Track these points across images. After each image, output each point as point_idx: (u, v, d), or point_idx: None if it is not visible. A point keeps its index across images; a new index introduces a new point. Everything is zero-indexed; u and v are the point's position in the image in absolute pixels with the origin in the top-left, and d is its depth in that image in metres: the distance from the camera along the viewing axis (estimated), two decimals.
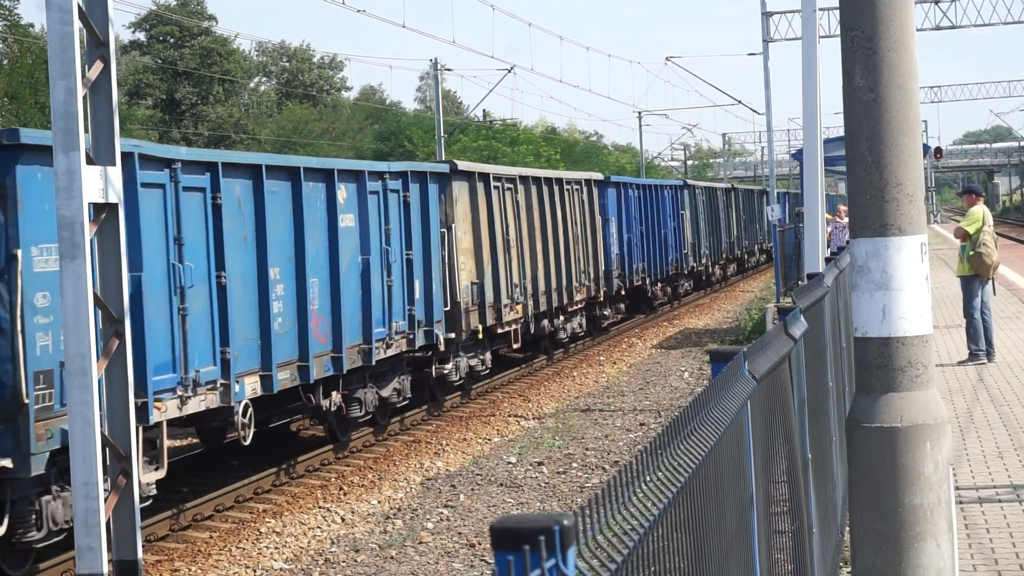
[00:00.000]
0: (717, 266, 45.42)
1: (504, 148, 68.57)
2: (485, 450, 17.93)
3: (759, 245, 55.76)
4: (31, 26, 47.72)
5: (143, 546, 10.66)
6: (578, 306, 27.78)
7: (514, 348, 24.13)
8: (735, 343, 25.97)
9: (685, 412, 3.39)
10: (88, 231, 8.37)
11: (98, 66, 8.64)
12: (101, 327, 9.09)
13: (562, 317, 26.80)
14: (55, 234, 11.29)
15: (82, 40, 8.36)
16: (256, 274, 14.66)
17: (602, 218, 29.89)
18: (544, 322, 25.53)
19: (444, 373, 20.30)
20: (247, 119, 79.13)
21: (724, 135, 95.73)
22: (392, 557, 12.45)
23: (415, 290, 18.94)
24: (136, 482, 8.86)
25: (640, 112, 72.39)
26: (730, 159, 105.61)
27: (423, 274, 19.30)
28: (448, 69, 48.26)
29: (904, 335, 6.50)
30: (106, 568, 8.33)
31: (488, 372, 22.93)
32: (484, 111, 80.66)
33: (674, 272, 37.34)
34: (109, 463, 8.83)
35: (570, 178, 27.95)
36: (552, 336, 26.64)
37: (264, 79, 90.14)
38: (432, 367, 20.06)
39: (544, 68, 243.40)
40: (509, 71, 44.53)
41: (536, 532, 2.08)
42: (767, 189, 41.75)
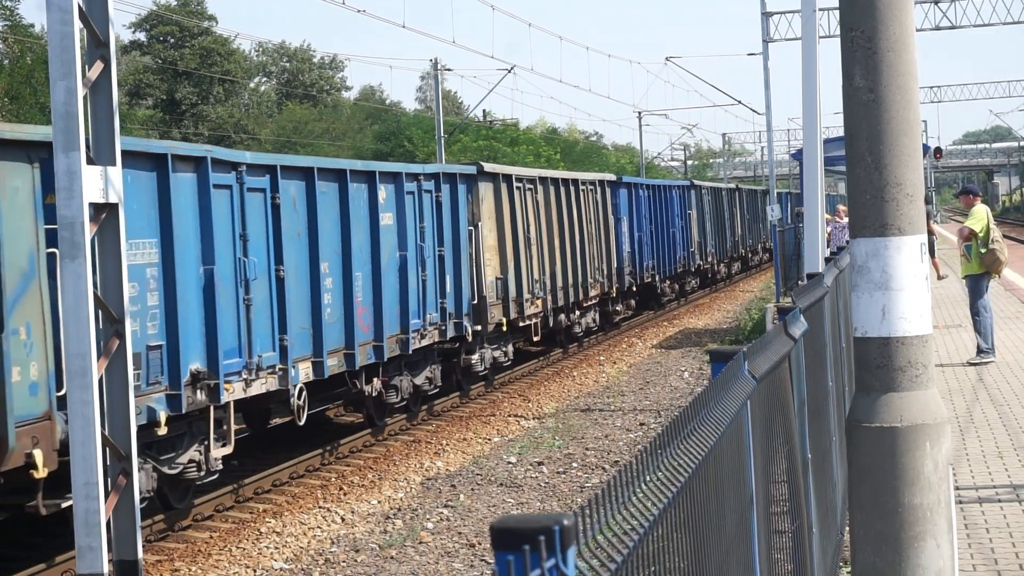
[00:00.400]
0: (722, 264, 46.40)
1: (504, 148, 68.56)
2: (485, 450, 17.93)
3: (762, 244, 56.26)
4: (32, 26, 47.68)
5: (143, 546, 10.67)
6: (592, 302, 28.79)
7: (534, 341, 25.09)
8: (735, 343, 25.98)
9: (685, 412, 3.39)
10: (88, 231, 8.37)
11: (98, 66, 8.64)
12: (102, 327, 9.09)
13: (577, 312, 27.77)
14: (144, 229, 13.33)
15: (82, 40, 8.36)
16: (308, 268, 15.87)
17: (614, 217, 30.81)
18: (561, 316, 26.48)
19: (471, 363, 21.45)
20: (247, 119, 79.15)
21: (724, 135, 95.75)
22: (392, 557, 12.46)
23: (446, 284, 20.16)
24: (136, 482, 8.85)
25: (640, 112, 72.40)
26: (730, 159, 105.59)
27: (453, 269, 20.48)
28: (448, 69, 48.26)
29: (904, 335, 6.50)
30: (106, 568, 8.33)
31: (510, 364, 23.99)
32: (484, 111, 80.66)
33: (682, 270, 38.28)
34: (109, 463, 8.83)
35: (585, 179, 29.03)
36: (568, 330, 27.59)
37: (264, 79, 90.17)
38: (460, 357, 21.24)
39: (544, 68, 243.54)
40: (509, 71, 44.52)
41: (536, 532, 2.09)
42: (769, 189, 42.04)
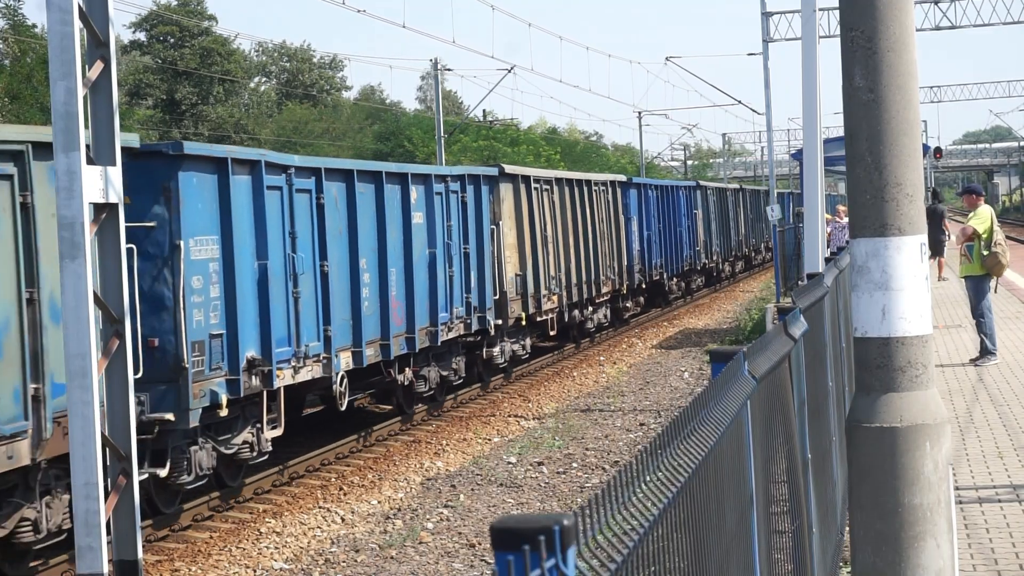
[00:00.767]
0: (727, 263, 47.53)
1: (504, 148, 68.53)
2: (485, 450, 17.93)
3: (765, 244, 56.73)
4: (34, 27, 47.64)
5: (143, 546, 10.67)
6: (604, 298, 29.91)
7: (550, 335, 26.32)
8: (735, 343, 25.98)
9: (685, 412, 3.39)
10: (88, 231, 8.36)
11: (98, 66, 8.63)
12: (102, 327, 9.08)
13: (590, 308, 28.82)
14: (207, 227, 14.11)
15: (82, 40, 8.35)
16: (349, 263, 17.02)
17: (624, 217, 31.87)
18: (575, 312, 27.49)
19: (493, 355, 22.55)
20: (247, 119, 79.13)
21: (724, 135, 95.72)
22: (392, 557, 12.45)
23: (471, 280, 21.32)
24: (135, 482, 8.85)
25: (640, 112, 72.38)
26: (730, 159, 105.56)
27: (477, 266, 21.60)
28: (448, 69, 48.25)
29: (904, 335, 6.50)
30: (106, 568, 8.32)
31: (527, 357, 25.10)
32: (484, 111, 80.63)
33: (688, 268, 39.37)
34: (109, 463, 8.82)
35: (597, 179, 30.19)
36: (581, 325, 28.59)
37: (264, 79, 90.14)
38: (483, 350, 22.33)
39: (544, 68, 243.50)
40: (509, 71, 44.52)
41: (536, 532, 2.09)
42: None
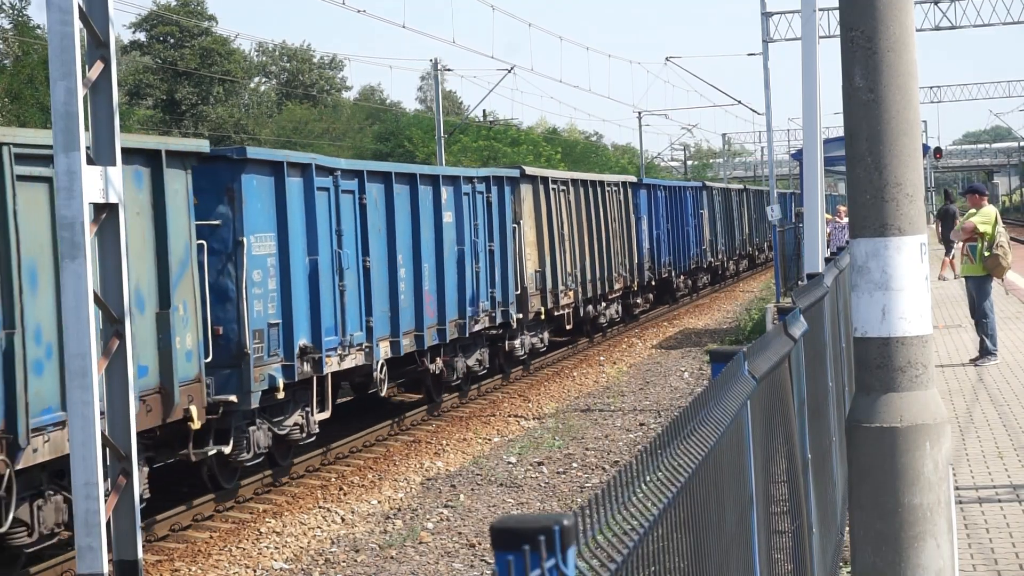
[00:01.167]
0: (731, 261, 48.85)
1: (504, 148, 68.52)
2: (485, 450, 17.93)
3: (768, 243, 56.99)
4: (38, 27, 47.60)
5: (143, 546, 10.67)
6: (616, 294, 31.06)
7: (567, 329, 27.36)
8: (735, 343, 25.98)
9: (685, 412, 3.39)
10: (88, 231, 8.36)
11: (98, 66, 8.63)
12: (102, 327, 9.08)
13: (603, 303, 30.03)
14: (266, 225, 15.04)
15: (82, 40, 8.35)
16: (387, 259, 18.30)
17: (635, 216, 33.04)
18: (589, 307, 28.68)
19: (514, 347, 23.71)
20: (247, 119, 79.12)
21: (724, 135, 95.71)
22: (392, 557, 12.45)
23: (495, 276, 22.59)
24: (135, 482, 8.85)
25: (640, 112, 72.39)
26: (730, 159, 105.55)
27: (500, 262, 22.85)
28: (448, 69, 48.24)
29: (904, 335, 6.50)
30: (106, 568, 8.32)
31: (545, 350, 26.25)
32: (484, 111, 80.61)
33: (695, 266, 40.63)
34: (109, 463, 8.82)
35: (610, 180, 31.39)
36: (594, 320, 29.71)
37: (264, 79, 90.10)
38: (505, 342, 23.47)
39: (544, 68, 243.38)
40: (509, 71, 44.52)
41: (536, 532, 2.09)
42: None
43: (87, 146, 8.48)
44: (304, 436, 15.85)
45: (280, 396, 14.83)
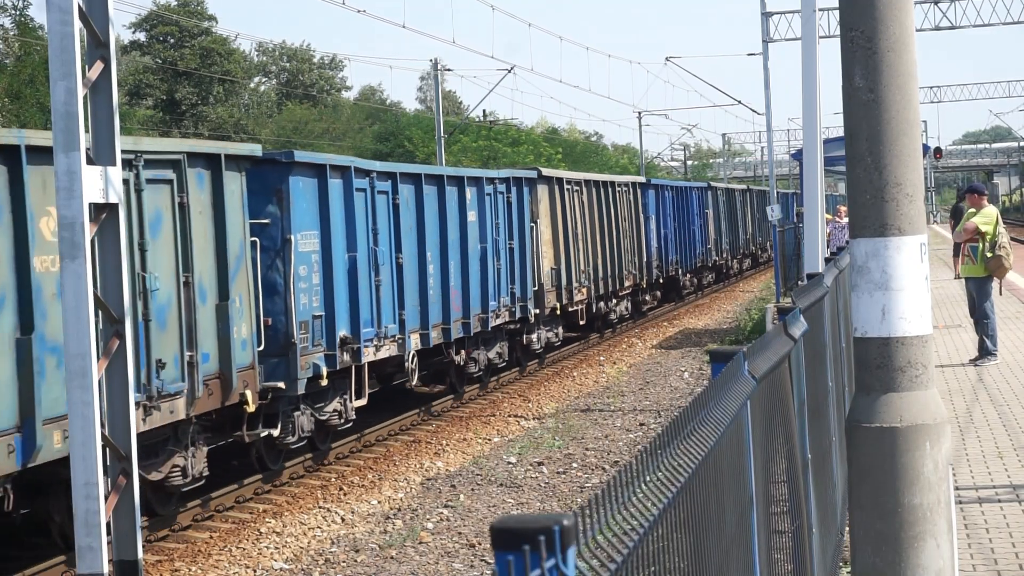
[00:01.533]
0: (735, 260, 49.98)
1: (504, 148, 68.50)
2: (485, 450, 17.92)
3: (770, 242, 57.34)
4: (39, 28, 47.59)
5: (143, 546, 10.67)
6: (626, 291, 32.09)
7: (580, 324, 28.36)
8: (735, 343, 25.99)
9: (685, 412, 3.39)
10: (88, 231, 8.36)
11: (98, 66, 8.63)
12: (102, 327, 9.08)
13: (614, 300, 31.07)
14: (310, 223, 16.08)
15: (82, 40, 8.35)
16: (417, 256, 19.31)
17: (644, 216, 33.91)
18: (601, 304, 29.79)
19: (531, 341, 24.78)
20: (247, 119, 79.13)
21: (724, 135, 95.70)
22: (392, 557, 12.45)
23: (514, 272, 23.65)
24: (135, 482, 8.85)
25: (640, 112, 72.37)
26: (730, 159, 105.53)
27: (519, 260, 23.91)
28: (448, 69, 48.23)
29: (904, 335, 6.50)
30: (106, 568, 8.32)
31: (559, 344, 27.40)
32: (484, 111, 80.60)
33: (700, 265, 41.52)
34: (109, 463, 8.82)
35: (620, 181, 32.32)
36: (605, 316, 30.80)
37: (264, 79, 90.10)
38: (522, 336, 24.55)
39: (544, 68, 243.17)
40: (509, 71, 44.51)
41: (536, 532, 2.09)
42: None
43: (87, 146, 8.48)
44: (342, 422, 16.93)
45: (323, 383, 15.81)
